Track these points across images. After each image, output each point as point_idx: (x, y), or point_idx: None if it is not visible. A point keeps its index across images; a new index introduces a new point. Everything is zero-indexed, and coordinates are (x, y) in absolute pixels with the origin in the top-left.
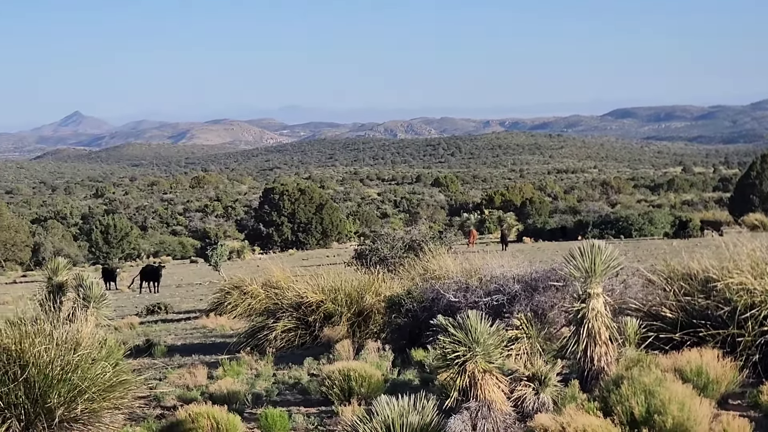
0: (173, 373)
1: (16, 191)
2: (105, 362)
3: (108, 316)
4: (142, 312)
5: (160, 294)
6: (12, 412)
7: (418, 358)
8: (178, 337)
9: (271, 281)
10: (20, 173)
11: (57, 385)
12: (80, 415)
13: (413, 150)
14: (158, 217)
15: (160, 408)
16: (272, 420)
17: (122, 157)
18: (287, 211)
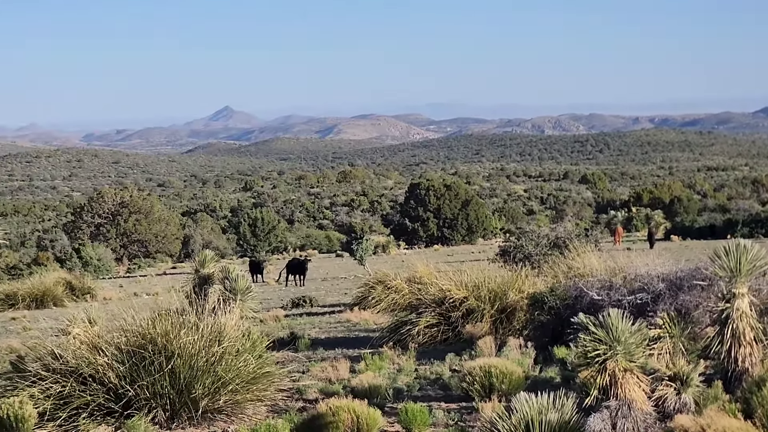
0: (316, 367)
1: (168, 184)
2: (249, 354)
3: (253, 309)
4: (287, 305)
5: (306, 287)
6: (157, 402)
7: (560, 356)
8: (322, 330)
9: (415, 277)
10: (172, 166)
11: (202, 376)
12: (224, 406)
13: (561, 146)
14: (305, 210)
15: (302, 401)
16: (413, 415)
17: (271, 152)
18: (433, 207)
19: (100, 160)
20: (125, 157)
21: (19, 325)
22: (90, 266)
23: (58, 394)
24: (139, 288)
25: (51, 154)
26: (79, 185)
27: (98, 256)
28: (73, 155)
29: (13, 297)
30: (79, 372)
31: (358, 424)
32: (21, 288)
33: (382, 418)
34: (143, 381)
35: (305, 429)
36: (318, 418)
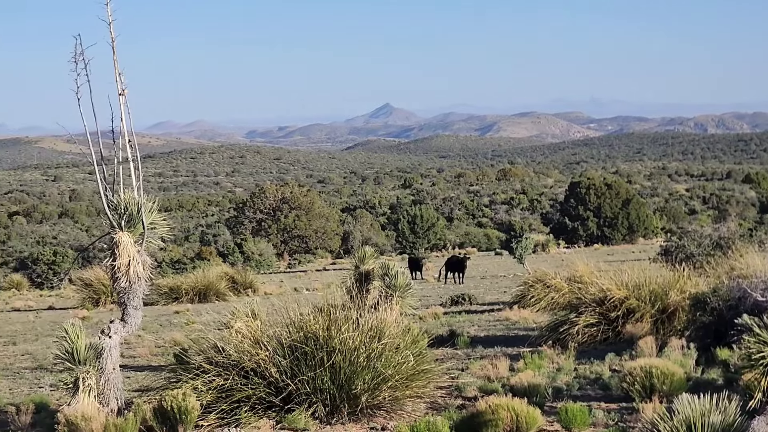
0: (475, 364)
1: (328, 180)
2: (408, 351)
3: (412, 306)
4: (446, 302)
5: (465, 285)
6: (318, 396)
7: (722, 358)
8: (480, 328)
9: (574, 276)
10: (332, 163)
11: (362, 371)
12: (383, 402)
13: (724, 145)
14: (464, 208)
15: (461, 398)
16: (572, 414)
17: (430, 149)
18: (593, 206)
19: (262, 157)
20: (287, 154)
21: (183, 318)
22: (251, 261)
23: (220, 387)
24: (300, 283)
25: (215, 151)
26: (242, 181)
27: (260, 251)
28: (236, 151)
29: (177, 291)
30: (241, 365)
31: (517, 422)
32: (185, 282)
33: (542, 417)
34: (304, 376)
35: (464, 426)
36: (477, 416)
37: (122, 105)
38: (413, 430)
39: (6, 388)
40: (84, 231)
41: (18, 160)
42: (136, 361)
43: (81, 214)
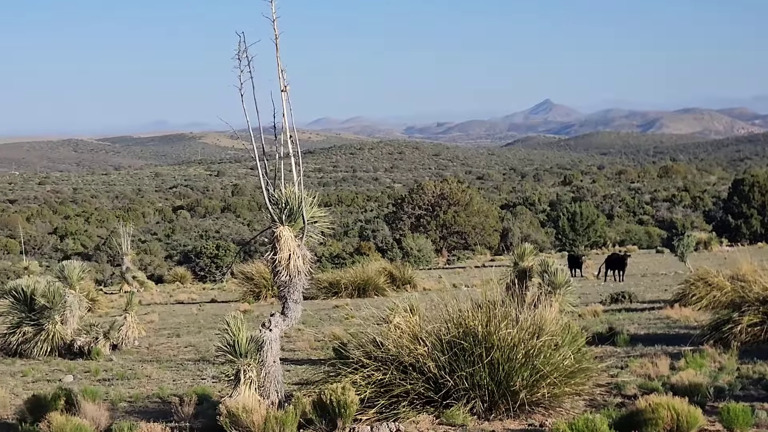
0: (635, 363)
1: (487, 177)
2: (567, 348)
3: (572, 303)
4: (606, 300)
5: (625, 283)
6: (476, 392)
7: None
8: (640, 326)
9: (737, 274)
10: (491, 159)
11: (520, 368)
12: (542, 399)
13: None
14: (625, 205)
15: (620, 396)
16: (734, 414)
17: (590, 146)
18: (757, 204)
19: (421, 153)
20: (445, 150)
21: (342, 312)
22: (410, 257)
23: (379, 381)
24: (458, 279)
25: (374, 146)
26: (400, 177)
27: (418, 246)
28: (395, 147)
29: (337, 285)
30: (400, 360)
31: (677, 421)
32: (344, 276)
33: (702, 416)
34: (462, 371)
35: (623, 424)
36: (636, 414)
37: (284, 101)
38: (572, 427)
39: (170, 379)
40: (246, 225)
41: (182, 155)
42: (296, 355)
43: (243, 209)
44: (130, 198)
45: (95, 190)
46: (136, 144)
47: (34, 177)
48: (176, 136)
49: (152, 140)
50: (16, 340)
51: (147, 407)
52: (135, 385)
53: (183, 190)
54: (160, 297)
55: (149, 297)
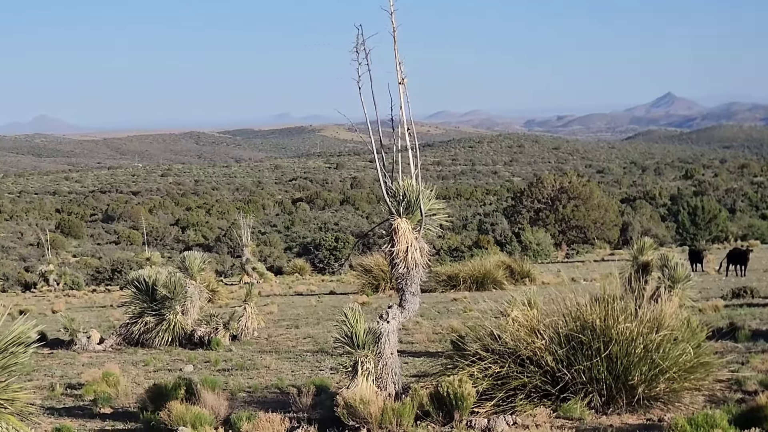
0: (756, 358)
1: (607, 171)
2: (687, 343)
3: (692, 298)
4: (727, 295)
5: (747, 278)
6: (593, 386)
7: None
8: (762, 322)
9: None
10: (611, 153)
11: (638, 363)
12: (660, 394)
13: None
14: (747, 200)
15: (740, 392)
16: None
17: (712, 139)
18: None
19: (540, 146)
20: (565, 143)
21: (460, 305)
22: (529, 250)
23: (496, 374)
24: (577, 273)
25: (493, 140)
26: (520, 170)
27: (537, 240)
28: (514, 141)
29: (455, 278)
30: (517, 354)
31: None
32: (462, 270)
33: None
34: (580, 365)
35: (743, 421)
36: (757, 410)
37: (402, 94)
38: (691, 422)
39: (288, 369)
40: (364, 218)
41: (302, 148)
42: (414, 347)
43: (361, 201)
44: (250, 190)
45: (216, 182)
46: (257, 136)
47: (156, 169)
48: (296, 129)
49: (272, 133)
50: (138, 329)
51: (265, 397)
52: (254, 375)
53: (302, 182)
54: (280, 288)
55: (269, 288)
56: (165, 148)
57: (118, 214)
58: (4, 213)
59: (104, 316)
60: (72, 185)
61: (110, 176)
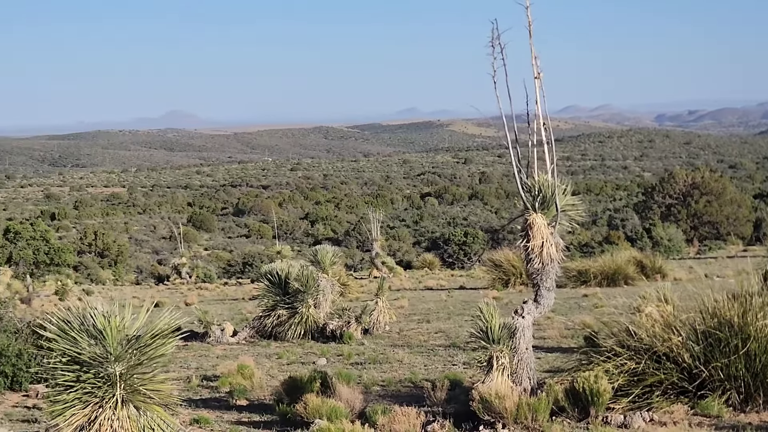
0: None
1: (740, 166)
2: None
3: None
4: None
5: None
6: (731, 383)
7: None
8: None
9: None
10: (744, 148)
11: None
12: None
13: None
14: None
15: None
16: None
17: None
18: None
19: (671, 141)
20: (696, 138)
21: (591, 301)
22: (660, 246)
23: (632, 370)
24: (710, 269)
25: (623, 135)
26: (650, 165)
27: (668, 236)
28: (645, 135)
29: (585, 274)
30: (653, 350)
31: None
32: (592, 265)
33: None
34: (717, 362)
35: None
36: None
37: (537, 88)
38: None
39: (421, 364)
40: (493, 213)
41: (430, 142)
42: (546, 342)
43: (490, 196)
44: (378, 184)
45: (345, 176)
46: (385, 131)
47: (286, 163)
48: (424, 124)
49: (400, 127)
50: (270, 322)
51: (399, 391)
52: (387, 369)
53: (431, 177)
54: (409, 283)
55: (398, 282)
56: (294, 143)
57: (248, 208)
58: (138, 206)
59: (236, 308)
60: (203, 179)
61: (241, 170)
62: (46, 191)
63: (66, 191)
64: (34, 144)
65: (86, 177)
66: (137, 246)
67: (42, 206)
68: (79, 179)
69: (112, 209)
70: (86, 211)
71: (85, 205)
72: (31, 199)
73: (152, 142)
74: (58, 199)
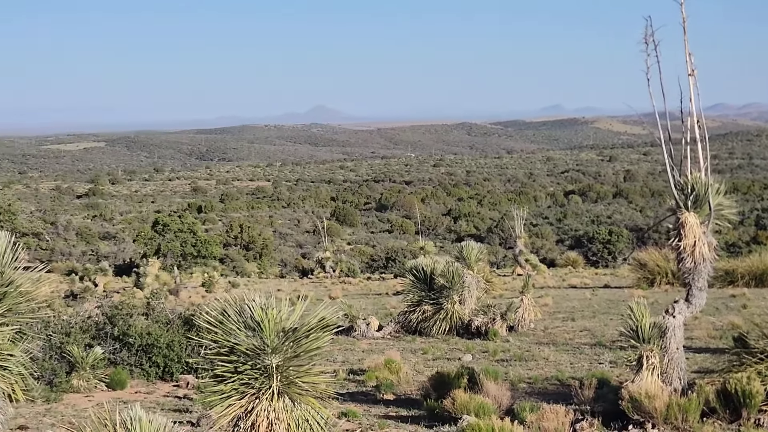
0: None
1: None
2: None
3: None
4: None
5: None
6: None
7: None
8: None
9: None
10: None
11: None
12: None
13: None
14: None
15: None
16: None
17: None
18: None
19: None
20: None
21: (738, 302)
22: None
23: None
24: None
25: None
26: None
27: None
28: None
29: (732, 274)
30: None
31: None
32: (740, 266)
33: None
34: None
35: None
36: None
37: (692, 86)
38: None
39: (567, 362)
40: (638, 211)
41: (574, 140)
42: (694, 343)
43: (635, 195)
44: (521, 181)
45: (488, 173)
46: (528, 128)
47: (428, 159)
48: (568, 121)
49: (544, 125)
50: (416, 318)
51: (546, 389)
52: (533, 366)
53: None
54: (552, 281)
55: (541, 280)
56: (437, 139)
57: (391, 203)
58: (282, 200)
59: (380, 303)
60: (347, 174)
61: (384, 166)
62: (193, 184)
63: (212, 184)
64: (182, 138)
65: (232, 171)
66: (281, 239)
67: (189, 199)
68: (225, 173)
69: (257, 203)
70: (232, 204)
71: (230, 199)
72: (179, 192)
73: (297, 137)
74: (205, 192)
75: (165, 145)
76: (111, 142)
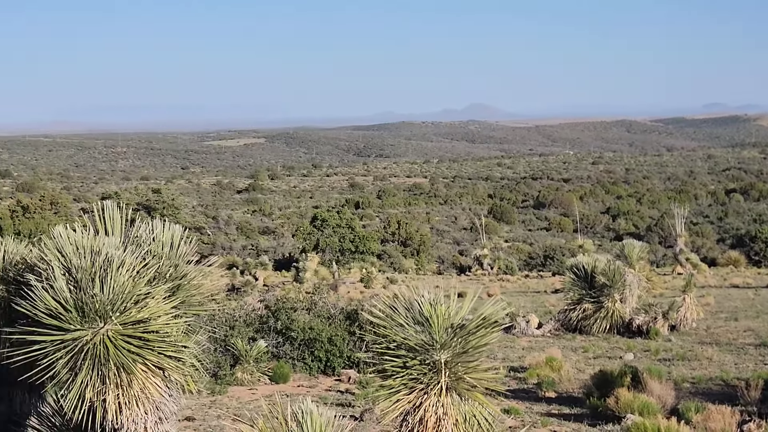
0: None
1: None
2: None
3: None
4: None
5: None
6: None
7: None
8: None
9: None
10: None
11: None
12: None
13: None
14: None
15: None
16: None
17: None
18: None
19: None
20: None
21: None
22: None
23: None
24: None
25: None
26: None
27: None
28: None
29: None
30: None
31: None
32: None
33: None
34: None
35: None
36: None
37: None
38: None
39: (731, 362)
40: None
41: (736, 137)
42: None
43: None
44: (681, 179)
45: (647, 171)
46: (689, 125)
47: (587, 156)
48: (730, 118)
49: (705, 122)
50: (576, 316)
51: (710, 389)
52: (696, 366)
53: (736, 172)
54: (714, 280)
55: (702, 279)
56: (596, 136)
57: (548, 201)
58: (439, 197)
59: (539, 301)
60: (504, 171)
61: (541, 163)
62: (351, 180)
63: (369, 180)
64: (340, 134)
65: (389, 167)
66: (438, 236)
67: (347, 195)
68: (382, 169)
69: (414, 199)
70: (389, 200)
71: (388, 195)
72: (336, 188)
73: (454, 134)
74: (362, 188)
75: (323, 142)
76: (270, 139)
